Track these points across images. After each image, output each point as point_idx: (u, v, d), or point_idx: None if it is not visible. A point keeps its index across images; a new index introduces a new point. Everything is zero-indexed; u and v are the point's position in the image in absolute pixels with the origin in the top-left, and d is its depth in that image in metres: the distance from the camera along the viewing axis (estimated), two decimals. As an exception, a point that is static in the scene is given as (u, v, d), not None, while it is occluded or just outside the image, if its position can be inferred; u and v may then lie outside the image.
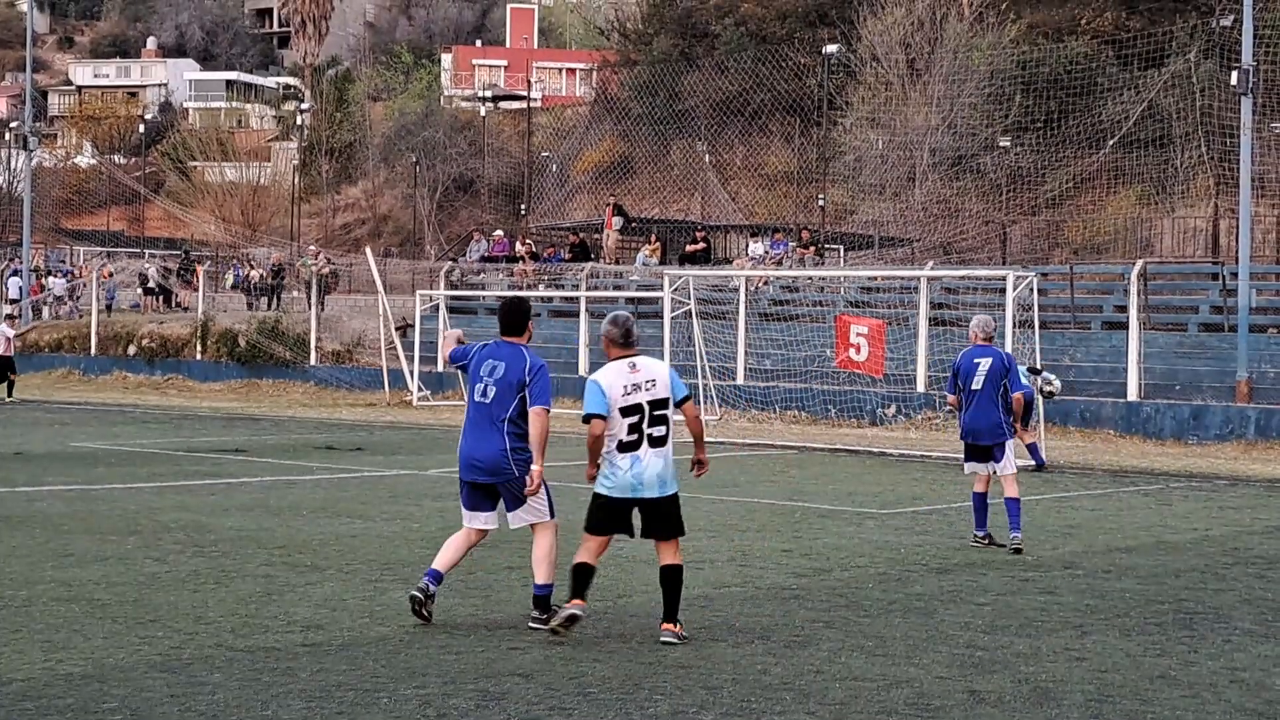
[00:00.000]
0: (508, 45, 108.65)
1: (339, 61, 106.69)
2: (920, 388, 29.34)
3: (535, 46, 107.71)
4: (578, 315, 35.74)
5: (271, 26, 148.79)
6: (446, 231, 70.98)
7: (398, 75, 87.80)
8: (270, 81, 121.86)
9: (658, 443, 9.45)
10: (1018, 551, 13.46)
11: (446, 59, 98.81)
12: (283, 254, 54.23)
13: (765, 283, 37.23)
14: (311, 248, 50.93)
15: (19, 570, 11.39)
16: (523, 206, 61.73)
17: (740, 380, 31.45)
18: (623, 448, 9.39)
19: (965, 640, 9.54)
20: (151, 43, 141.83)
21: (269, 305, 46.70)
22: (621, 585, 11.41)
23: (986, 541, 13.84)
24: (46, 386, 40.60)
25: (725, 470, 20.76)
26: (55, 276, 55.02)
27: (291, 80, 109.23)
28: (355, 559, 12.45)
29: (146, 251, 67.47)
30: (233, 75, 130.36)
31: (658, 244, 42.33)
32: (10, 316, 38.09)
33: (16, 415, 30.47)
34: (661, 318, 31.13)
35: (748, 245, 43.76)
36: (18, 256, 53.84)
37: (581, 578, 9.48)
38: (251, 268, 51.06)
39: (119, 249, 72.31)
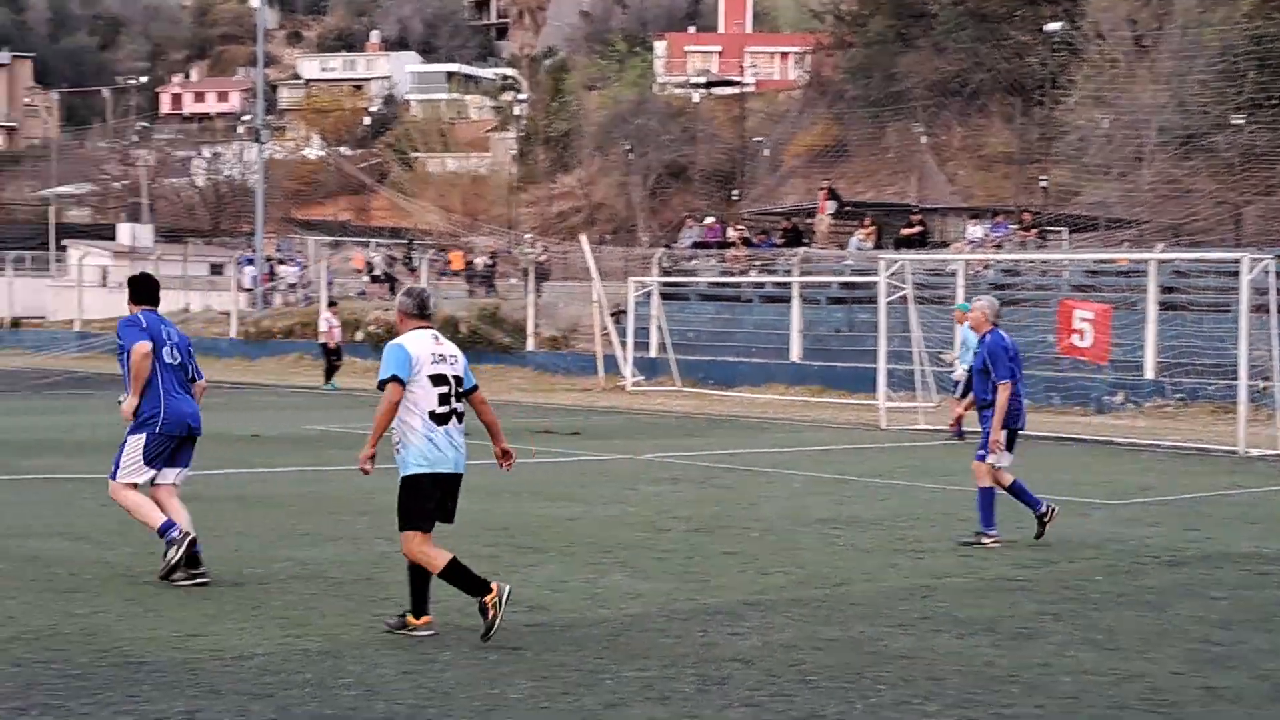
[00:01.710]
0: (720, 31, 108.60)
1: (555, 51, 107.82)
2: (1149, 374, 28.62)
3: (748, 31, 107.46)
4: (790, 301, 35.60)
5: (490, 18, 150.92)
6: (659, 218, 71.29)
7: (612, 64, 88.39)
8: (489, 72, 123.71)
9: (460, 418, 9.02)
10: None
11: (659, 46, 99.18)
12: (500, 242, 55.11)
13: (985, 266, 36.64)
14: (528, 236, 51.63)
15: (256, 549, 11.78)
16: (735, 192, 61.72)
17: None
18: (436, 419, 8.84)
19: (1200, 635, 9.29)
20: (375, 36, 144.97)
21: (487, 292, 47.48)
22: (840, 573, 11.36)
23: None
24: (280, 371, 41.86)
25: (943, 459, 20.53)
26: (286, 265, 56.66)
27: (509, 71, 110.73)
28: (575, 541, 12.61)
29: (372, 240, 69.13)
30: (453, 67, 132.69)
31: (872, 228, 41.92)
32: (333, 303, 38.92)
33: (252, 400, 31.47)
34: (876, 303, 30.85)
35: (966, 228, 43.07)
36: (251, 246, 55.57)
37: (461, 574, 8.80)
38: (471, 255, 51.98)
39: (345, 238, 74.19)
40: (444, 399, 8.88)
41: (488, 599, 8.68)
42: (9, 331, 55.60)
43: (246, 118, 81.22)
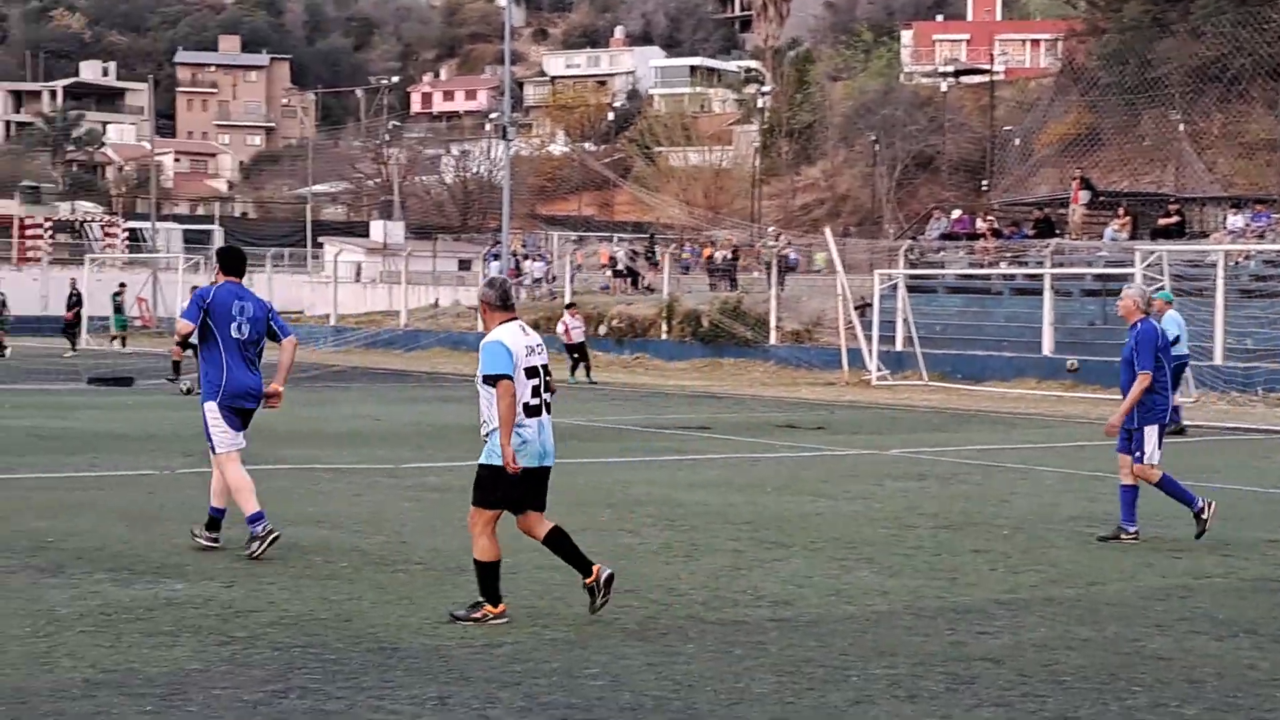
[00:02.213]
0: (969, 19, 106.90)
1: (799, 43, 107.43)
2: None
3: (998, 19, 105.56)
4: (1041, 294, 34.82)
5: (733, 11, 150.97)
6: (905, 210, 70.52)
7: (857, 54, 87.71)
8: (732, 65, 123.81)
9: (549, 409, 9.10)
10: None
11: (906, 35, 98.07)
12: (743, 235, 55.10)
13: (1246, 257, 35.35)
14: (772, 229, 51.52)
15: (504, 540, 11.92)
16: (984, 182, 60.67)
17: (1218, 360, 29.99)
18: (529, 410, 8.91)
19: None
20: (619, 32, 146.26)
21: (730, 286, 47.54)
22: (1093, 572, 11.06)
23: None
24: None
25: (1201, 455, 19.86)
26: (532, 260, 57.55)
27: (753, 63, 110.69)
28: (820, 537, 12.51)
29: (615, 235, 69.81)
30: (696, 61, 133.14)
31: (1127, 218, 40.74)
32: (571, 305, 39.56)
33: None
34: (1132, 295, 29.96)
35: (1226, 218, 41.61)
36: (498, 242, 56.58)
37: (491, 577, 9.01)
38: (713, 249, 52.08)
39: (589, 233, 75.05)
40: (536, 391, 8.98)
41: (486, 610, 8.91)
42: (269, 326, 57.48)
43: (494, 115, 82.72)
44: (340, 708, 7.03)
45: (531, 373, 8.95)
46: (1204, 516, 12.42)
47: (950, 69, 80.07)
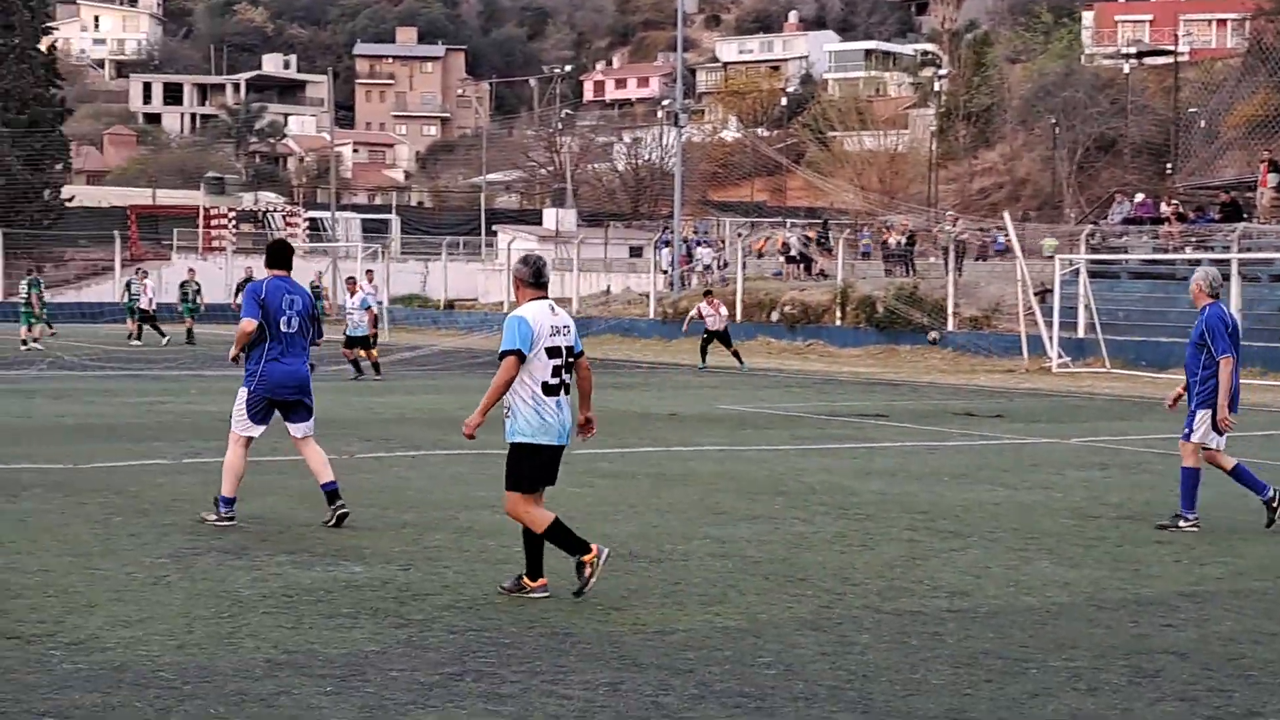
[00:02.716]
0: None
1: (977, 25, 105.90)
2: None
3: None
4: (1228, 279, 33.86)
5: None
6: (1086, 194, 69.16)
7: (1037, 36, 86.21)
8: (908, 49, 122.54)
9: (569, 390, 9.15)
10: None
11: (1088, 16, 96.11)
12: (919, 220, 54.47)
13: None
14: (950, 213, 50.86)
15: (677, 526, 11.95)
16: (1168, 165, 59.22)
17: None
18: (548, 390, 8.97)
19: None
20: (793, 17, 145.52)
21: (905, 272, 47.03)
22: (1285, 564, 10.71)
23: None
24: (695, 351, 42.45)
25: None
26: (703, 247, 57.53)
27: (929, 46, 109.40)
28: (998, 527, 12.30)
29: (788, 221, 69.50)
30: (871, 44, 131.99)
31: (1318, 201, 39.45)
32: (708, 293, 39.57)
33: (669, 379, 32.09)
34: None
35: None
36: (669, 228, 56.69)
37: (563, 534, 9.06)
38: (888, 234, 51.57)
39: (761, 219, 74.82)
40: (557, 371, 9.02)
41: (586, 558, 8.96)
42: (444, 313, 58.37)
43: (666, 102, 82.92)
44: (514, 691, 7.06)
45: (553, 352, 9.01)
46: (1275, 506, 12.31)
47: (1133, 50, 78.28)
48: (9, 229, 64.09)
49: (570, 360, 9.13)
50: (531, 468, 9.03)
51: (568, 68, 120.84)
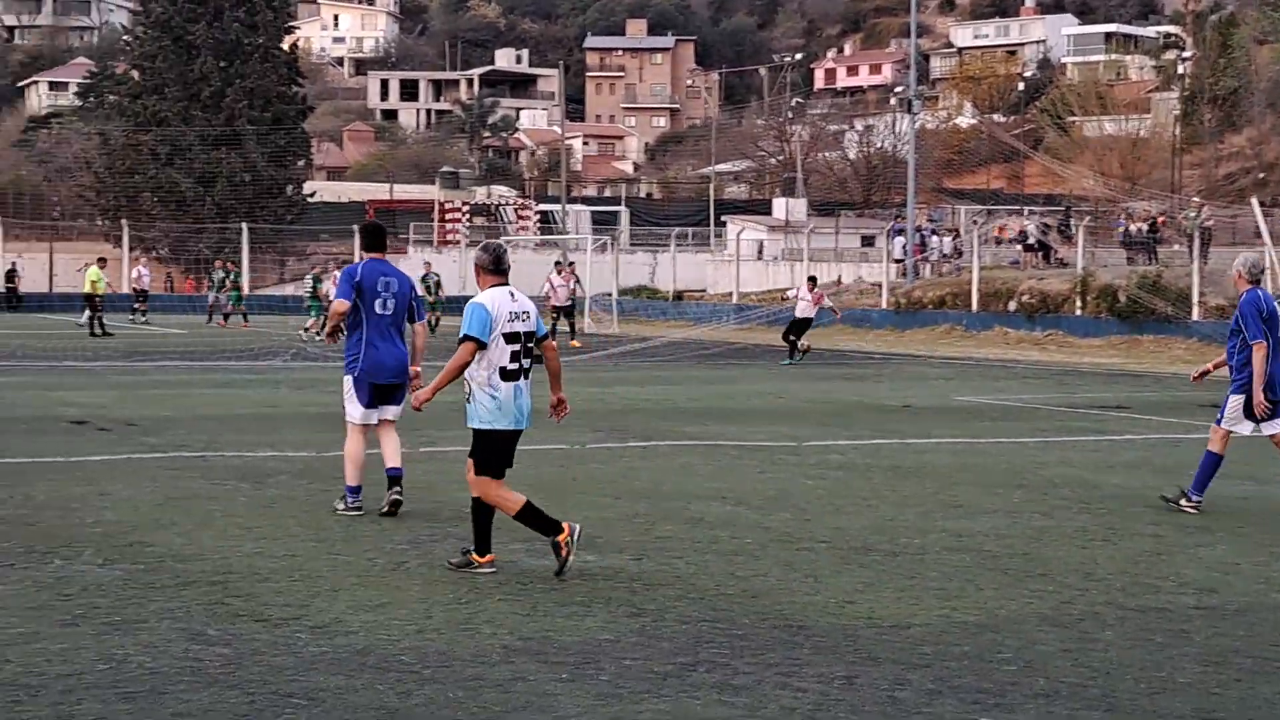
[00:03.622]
0: None
1: (1222, 6, 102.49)
2: None
3: None
4: None
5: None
6: (1340, 178, 66.38)
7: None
8: (1150, 31, 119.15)
9: (527, 375, 9.31)
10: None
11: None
12: (1162, 206, 52.91)
13: None
14: (1195, 199, 49.32)
15: (912, 520, 11.77)
16: None
17: None
18: (506, 375, 9.16)
19: None
20: (1030, 0, 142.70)
21: (1148, 260, 45.75)
22: None
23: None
24: (930, 342, 42.01)
25: None
26: (938, 235, 56.74)
27: (1172, 29, 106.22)
28: (1246, 522, 11.88)
29: (1025, 208, 68.16)
30: (1112, 27, 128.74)
31: None
32: (812, 278, 39.05)
33: (902, 370, 31.72)
34: None
35: None
36: (901, 217, 56.03)
37: (534, 515, 9.25)
38: (1131, 221, 50.22)
39: (997, 206, 73.50)
40: (515, 356, 9.22)
41: (560, 538, 9.13)
42: (673, 304, 58.60)
43: (899, 89, 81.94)
44: (748, 683, 7.02)
45: (511, 338, 9.22)
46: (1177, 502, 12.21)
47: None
48: (254, 224, 66.29)
49: (530, 346, 9.34)
50: (489, 452, 9.25)
51: (798, 56, 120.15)
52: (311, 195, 78.74)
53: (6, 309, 57.38)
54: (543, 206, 78.90)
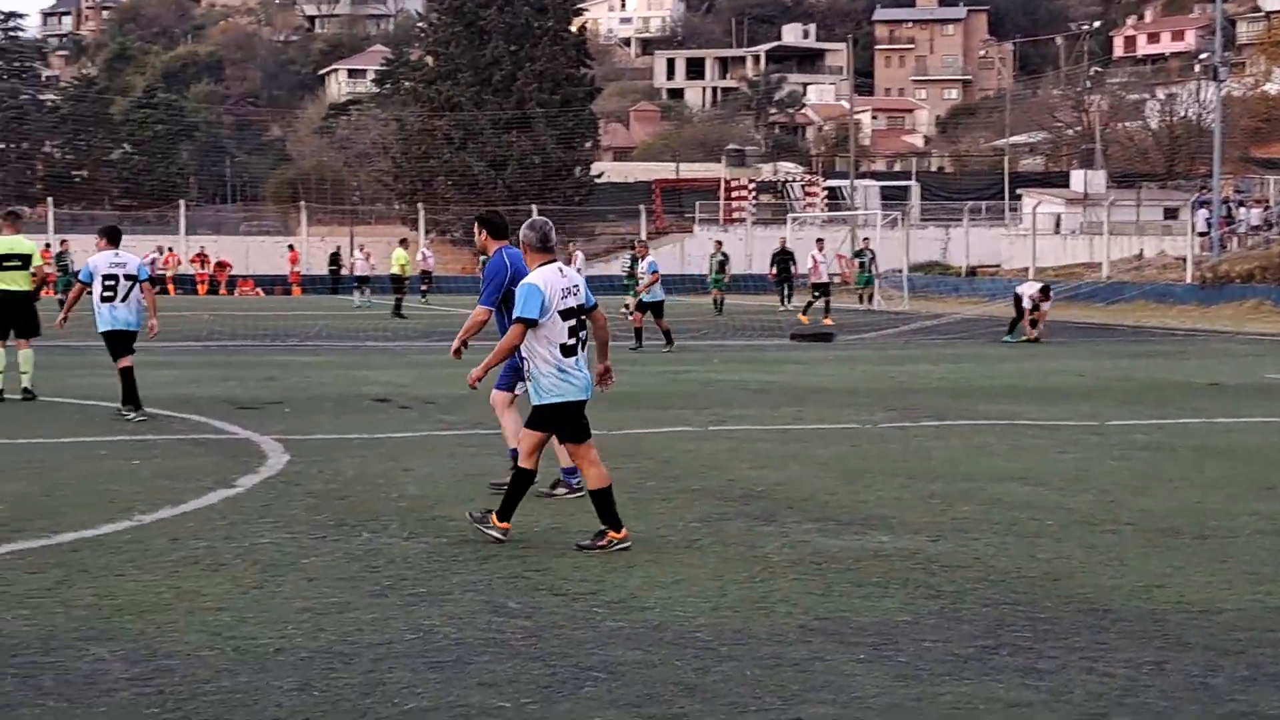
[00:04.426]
0: None
1: None
2: None
3: None
4: None
5: None
6: None
7: None
8: None
9: (584, 346, 9.52)
10: None
11: None
12: None
13: None
14: None
15: (1221, 502, 11.32)
16: None
17: None
18: (566, 351, 9.32)
19: None
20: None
21: None
22: None
23: None
24: (1237, 318, 40.39)
25: None
26: (1246, 207, 54.51)
27: None
28: None
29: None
30: None
31: None
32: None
33: (1208, 347, 30.60)
34: None
35: None
36: (1206, 188, 54.01)
37: (607, 502, 9.37)
38: None
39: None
40: (572, 331, 9.37)
41: (612, 535, 9.28)
42: (965, 280, 57.65)
43: (1203, 56, 78.86)
44: (1052, 667, 6.85)
45: (567, 314, 9.37)
46: None
47: None
48: (543, 205, 67.56)
49: (583, 319, 9.50)
50: (560, 424, 9.44)
51: (1096, 24, 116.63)
52: (599, 176, 79.81)
53: (330, 291, 59.48)
54: (830, 182, 78.42)
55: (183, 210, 67.58)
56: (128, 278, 16.33)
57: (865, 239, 50.13)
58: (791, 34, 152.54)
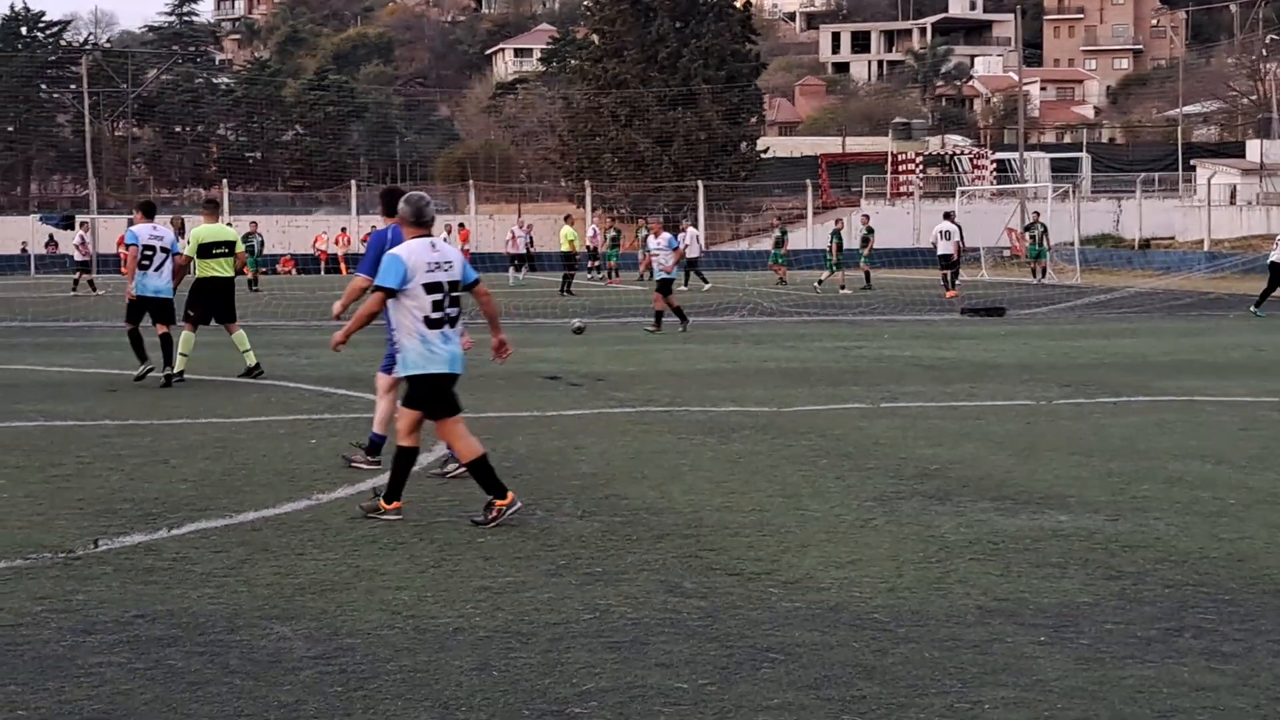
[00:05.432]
0: None
1: None
2: None
3: None
4: None
5: None
6: None
7: None
8: None
9: (455, 323, 9.54)
10: None
11: None
12: None
13: None
14: None
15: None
16: None
17: None
18: (431, 324, 9.41)
19: None
20: None
21: None
22: None
23: None
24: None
25: None
26: None
27: None
28: None
29: None
30: None
31: None
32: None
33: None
34: None
35: None
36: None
37: (485, 471, 9.45)
38: None
39: None
40: (438, 305, 9.44)
41: (499, 503, 9.38)
42: (1138, 253, 56.46)
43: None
44: (1237, 650, 6.71)
45: (432, 288, 9.44)
46: None
47: None
48: (709, 181, 67.45)
49: (455, 294, 9.54)
50: (424, 396, 9.49)
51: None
52: (765, 151, 79.56)
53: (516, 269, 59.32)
54: (999, 155, 77.31)
55: (354, 190, 68.74)
56: (163, 250, 17.89)
57: (1036, 212, 49.29)
58: (958, 5, 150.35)
